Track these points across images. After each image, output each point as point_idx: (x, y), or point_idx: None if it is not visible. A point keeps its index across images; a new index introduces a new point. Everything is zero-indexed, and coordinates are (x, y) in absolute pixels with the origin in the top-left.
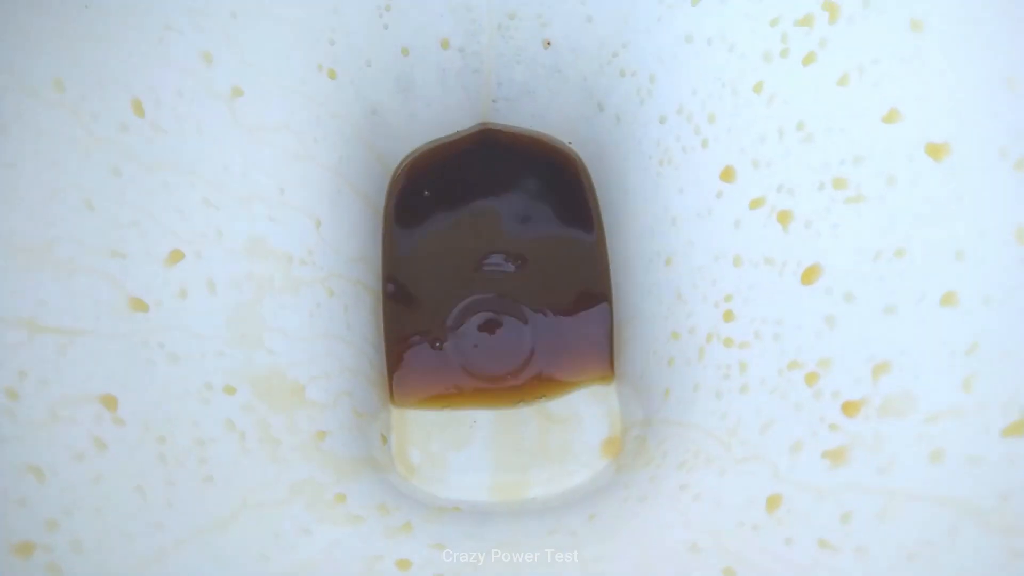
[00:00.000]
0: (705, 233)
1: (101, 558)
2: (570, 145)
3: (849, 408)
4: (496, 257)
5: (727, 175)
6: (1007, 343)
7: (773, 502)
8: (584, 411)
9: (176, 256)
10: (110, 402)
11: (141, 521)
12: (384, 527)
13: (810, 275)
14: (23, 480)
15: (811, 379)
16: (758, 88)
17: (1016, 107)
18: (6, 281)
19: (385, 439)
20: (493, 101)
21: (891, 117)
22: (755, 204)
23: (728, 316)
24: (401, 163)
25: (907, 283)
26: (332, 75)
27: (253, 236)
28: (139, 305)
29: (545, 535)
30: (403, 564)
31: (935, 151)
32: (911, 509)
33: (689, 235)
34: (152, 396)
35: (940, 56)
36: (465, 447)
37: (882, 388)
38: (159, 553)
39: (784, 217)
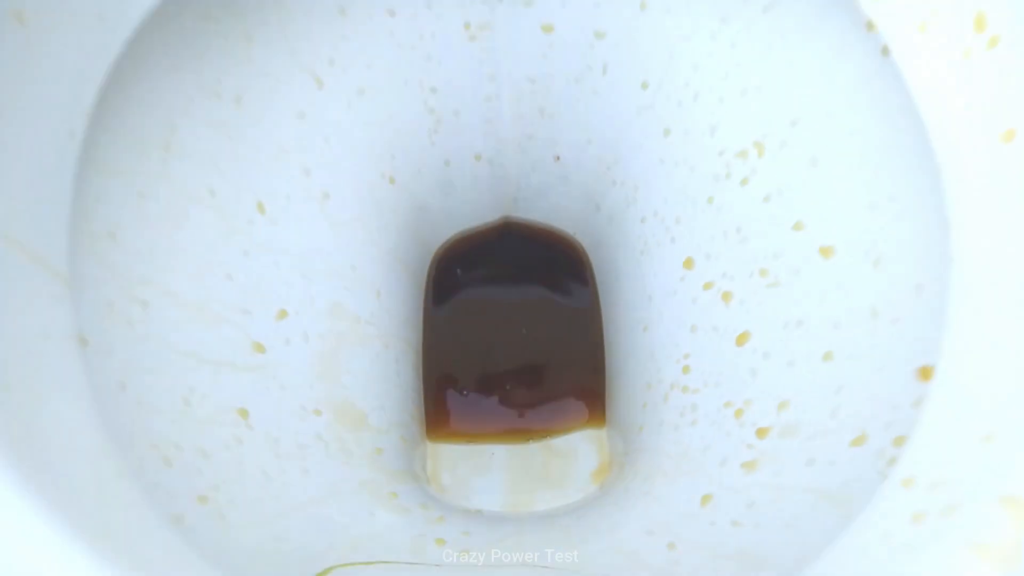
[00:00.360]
0: (672, 307)
1: (246, 512)
2: (575, 236)
3: (760, 433)
4: (513, 323)
5: (688, 264)
6: (859, 386)
7: (705, 499)
8: (580, 447)
9: (283, 314)
10: (244, 413)
11: (267, 493)
12: (425, 517)
13: (742, 339)
14: (197, 457)
15: (738, 414)
16: (710, 200)
17: (875, 222)
18: (180, 327)
19: (423, 467)
20: (514, 200)
21: (798, 227)
22: (707, 286)
23: (686, 370)
24: (440, 247)
25: (803, 345)
26: (392, 181)
27: (334, 302)
28: (259, 348)
29: (545, 530)
30: (439, 541)
31: (825, 252)
32: (792, 497)
33: (660, 309)
34: (268, 412)
35: (829, 185)
36: (485, 473)
37: (782, 419)
38: (279, 515)
39: (726, 296)
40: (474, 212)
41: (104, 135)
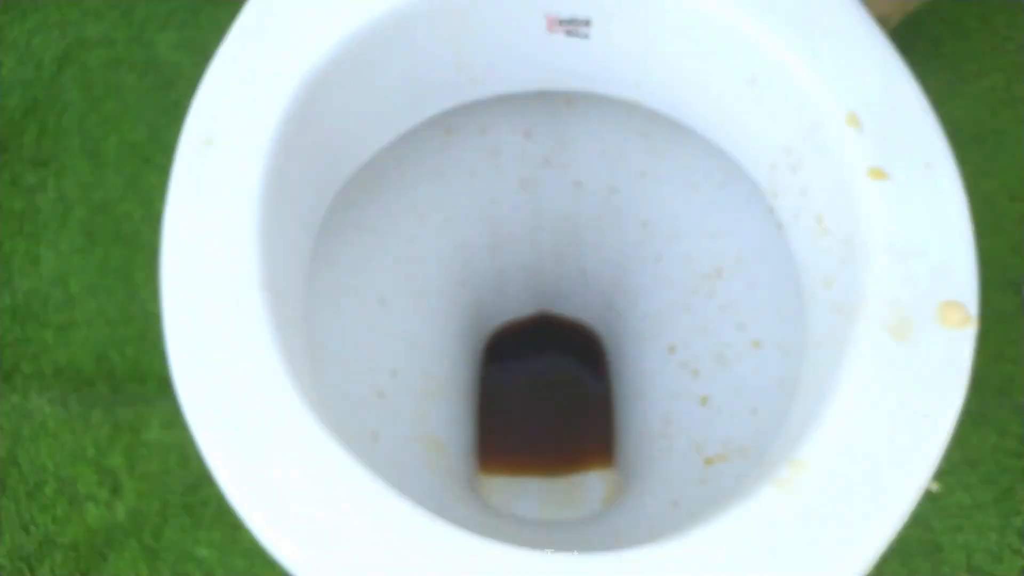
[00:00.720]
0: (659, 380)
1: None
2: (593, 326)
3: (709, 461)
4: (545, 389)
5: (670, 349)
6: (770, 430)
7: (673, 504)
8: (593, 482)
9: (394, 373)
10: (374, 435)
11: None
12: (486, 514)
13: (703, 401)
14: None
15: (698, 449)
16: (686, 306)
17: (784, 326)
18: (337, 377)
19: (479, 490)
20: (549, 299)
21: (740, 327)
22: (682, 365)
23: (666, 423)
24: (493, 332)
25: (740, 404)
26: (463, 284)
27: (424, 367)
28: (381, 394)
29: (565, 527)
30: (497, 530)
31: (756, 344)
32: (726, 498)
33: (651, 381)
34: (388, 436)
35: (760, 301)
36: (522, 499)
37: (722, 449)
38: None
39: (695, 372)
40: (519, 307)
41: None
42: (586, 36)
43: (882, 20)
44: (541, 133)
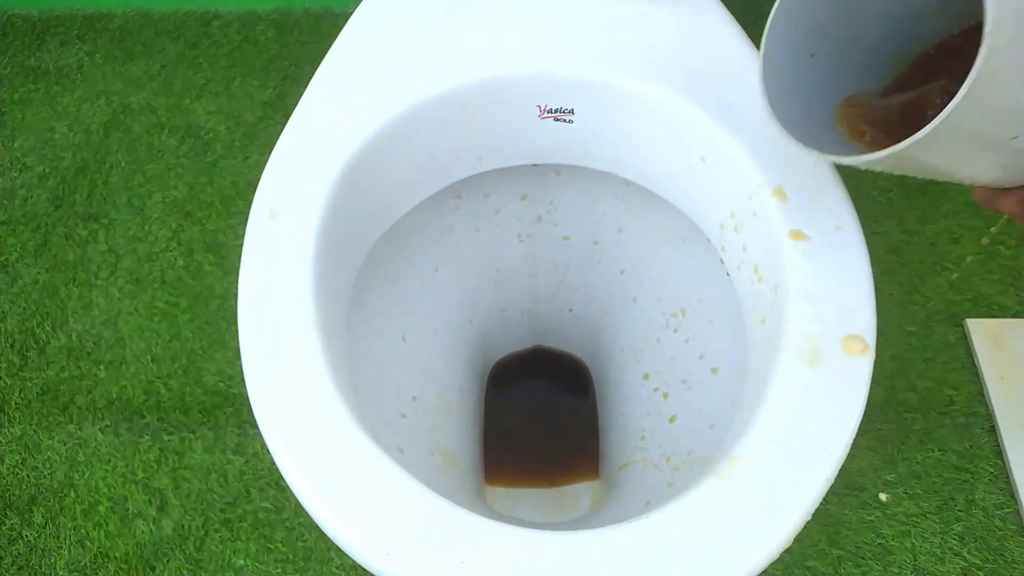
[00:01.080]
0: (636, 402)
1: None
2: (581, 357)
3: (677, 468)
4: (540, 412)
5: (645, 376)
6: (720, 440)
7: (647, 503)
8: (582, 492)
9: (414, 398)
10: (400, 449)
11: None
12: (492, 518)
13: (672, 419)
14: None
15: (668, 460)
16: (658, 340)
17: (738, 356)
18: (370, 400)
19: (484, 498)
20: (543, 334)
21: (702, 357)
22: (655, 389)
23: (643, 438)
24: (496, 363)
25: (701, 421)
26: (471, 323)
27: (438, 392)
28: (403, 415)
29: (557, 525)
30: None
31: (714, 371)
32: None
33: (630, 403)
34: (410, 450)
35: (717, 334)
36: (521, 506)
37: (687, 459)
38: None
39: (665, 395)
40: (517, 341)
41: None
42: (571, 122)
43: None
44: (535, 197)
